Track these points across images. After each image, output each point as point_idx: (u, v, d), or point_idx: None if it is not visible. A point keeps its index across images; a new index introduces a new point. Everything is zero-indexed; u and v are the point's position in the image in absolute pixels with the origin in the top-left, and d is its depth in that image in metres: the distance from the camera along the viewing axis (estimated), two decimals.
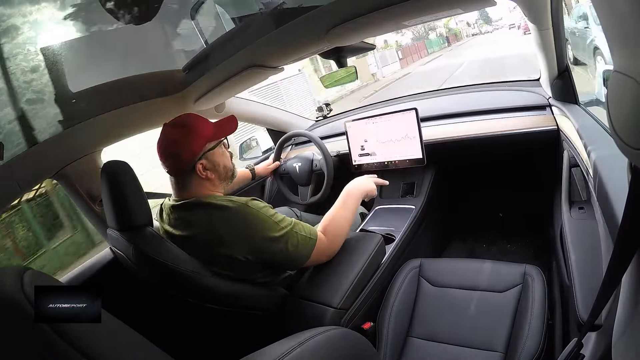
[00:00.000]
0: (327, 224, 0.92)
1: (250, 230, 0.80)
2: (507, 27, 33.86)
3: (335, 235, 0.92)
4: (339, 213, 0.95)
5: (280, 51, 0.92)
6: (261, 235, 0.80)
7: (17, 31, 0.59)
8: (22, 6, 0.56)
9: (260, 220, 0.81)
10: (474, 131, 1.30)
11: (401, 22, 0.77)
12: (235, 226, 0.79)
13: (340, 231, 0.94)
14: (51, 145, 0.93)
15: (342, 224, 0.94)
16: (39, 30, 0.61)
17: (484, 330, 0.89)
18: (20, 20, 0.57)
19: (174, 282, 0.79)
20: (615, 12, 0.29)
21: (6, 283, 0.34)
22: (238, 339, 0.91)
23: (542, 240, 1.46)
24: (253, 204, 0.83)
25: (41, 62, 0.68)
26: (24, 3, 0.56)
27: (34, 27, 0.60)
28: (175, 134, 0.83)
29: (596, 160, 0.63)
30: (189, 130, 0.84)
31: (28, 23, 0.58)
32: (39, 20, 0.59)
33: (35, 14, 0.57)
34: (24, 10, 0.57)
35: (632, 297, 0.40)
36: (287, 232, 0.82)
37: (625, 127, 0.29)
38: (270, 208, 0.86)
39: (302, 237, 0.84)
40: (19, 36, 0.60)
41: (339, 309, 0.83)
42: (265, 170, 1.57)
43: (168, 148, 0.84)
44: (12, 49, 0.62)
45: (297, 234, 0.83)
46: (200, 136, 0.84)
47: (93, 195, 1.11)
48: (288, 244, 0.82)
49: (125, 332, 0.42)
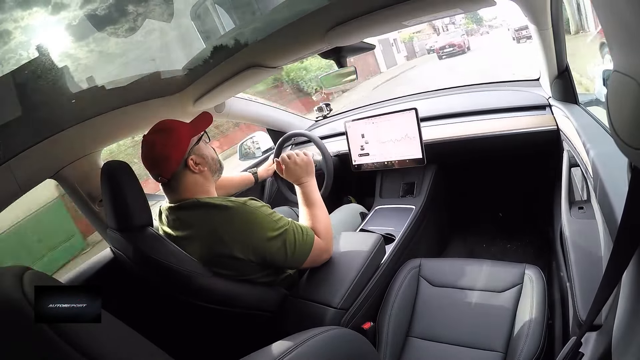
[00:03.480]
0: (315, 225, 0.92)
1: (248, 229, 0.80)
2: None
3: (326, 232, 0.92)
4: (313, 212, 0.95)
5: (280, 51, 0.93)
6: (259, 235, 0.80)
7: (9, 36, 0.59)
8: (13, 11, 0.56)
9: (258, 219, 0.81)
10: (473, 131, 1.30)
11: (401, 22, 0.77)
12: (233, 225, 0.80)
13: (327, 227, 0.93)
14: (51, 145, 0.93)
15: (322, 220, 0.94)
16: (31, 35, 0.61)
17: (483, 330, 0.89)
18: (12, 25, 0.58)
19: (174, 282, 0.79)
20: (615, 12, 0.29)
21: (6, 283, 0.34)
22: (238, 338, 0.91)
23: (542, 240, 1.46)
24: (251, 204, 0.84)
25: (40, 63, 0.68)
26: (14, 8, 0.56)
27: (26, 31, 0.60)
28: (159, 139, 0.85)
29: (596, 160, 0.63)
30: (170, 132, 0.86)
31: (20, 28, 0.58)
32: (31, 25, 0.59)
33: (27, 19, 0.57)
34: (15, 16, 0.57)
35: (632, 296, 0.40)
36: (284, 231, 0.83)
37: (625, 127, 0.29)
38: (268, 207, 0.86)
39: (299, 236, 0.85)
40: (11, 41, 0.60)
41: (339, 309, 0.83)
42: (266, 172, 1.57)
43: (157, 153, 0.85)
44: (5, 53, 0.62)
45: (294, 233, 0.84)
46: (183, 134, 0.87)
47: (93, 196, 1.11)
48: (286, 242, 0.82)
49: (125, 332, 0.42)
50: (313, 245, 0.87)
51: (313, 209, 0.96)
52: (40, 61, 0.67)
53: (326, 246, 0.91)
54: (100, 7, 0.62)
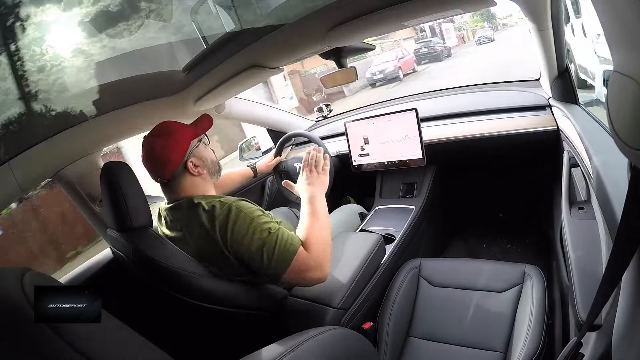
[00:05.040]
0: (306, 236, 0.83)
1: (230, 227, 0.79)
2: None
3: (317, 247, 0.82)
4: (313, 224, 0.86)
5: (281, 51, 0.93)
6: (239, 233, 0.78)
7: (23, 32, 0.59)
8: (26, 7, 0.57)
9: (240, 218, 0.79)
10: (474, 131, 1.30)
11: (401, 22, 0.77)
12: (222, 225, 0.79)
13: (319, 242, 0.83)
14: (51, 145, 0.93)
15: (323, 235, 0.85)
16: (44, 31, 0.62)
17: (483, 330, 0.89)
18: (26, 22, 0.58)
19: (174, 283, 0.79)
20: (615, 12, 0.29)
21: (6, 283, 0.34)
22: (238, 339, 0.91)
23: (542, 240, 1.46)
24: (239, 204, 0.82)
25: (40, 64, 0.68)
26: (27, 5, 0.56)
27: (39, 28, 0.60)
28: (159, 141, 0.85)
29: (596, 160, 0.63)
30: (171, 134, 0.86)
31: (33, 24, 0.58)
32: (44, 21, 0.59)
33: (40, 15, 0.58)
34: (27, 12, 0.57)
35: (632, 296, 0.40)
36: (268, 235, 0.79)
37: (625, 127, 0.29)
38: (258, 210, 0.83)
39: (281, 242, 0.78)
40: (24, 37, 0.60)
41: (339, 309, 0.83)
42: (266, 167, 1.57)
43: (157, 155, 0.85)
44: (17, 49, 0.62)
45: (277, 239, 0.78)
46: (184, 137, 0.87)
47: (93, 196, 1.11)
48: (265, 245, 0.78)
49: (125, 332, 0.42)
50: (295, 256, 0.78)
51: (313, 221, 0.87)
52: (41, 61, 0.67)
53: (314, 263, 0.80)
54: (113, 4, 0.62)
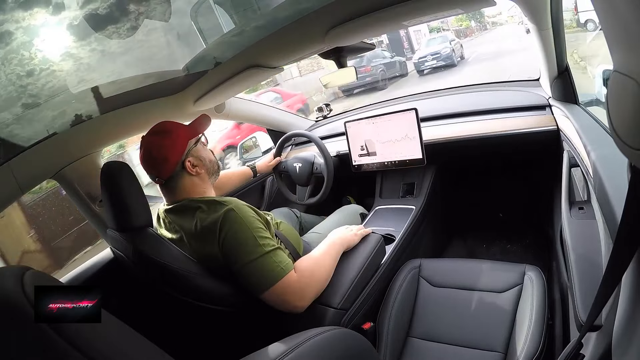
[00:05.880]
0: (304, 265, 0.84)
1: (230, 235, 0.78)
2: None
3: (310, 278, 0.81)
4: (321, 260, 0.87)
5: (280, 51, 0.93)
6: (238, 245, 0.77)
7: (11, 37, 0.59)
8: (14, 12, 0.57)
9: (243, 231, 0.78)
10: (473, 131, 1.30)
11: (401, 22, 0.77)
12: (220, 228, 0.79)
13: (316, 276, 0.83)
14: (51, 145, 0.93)
15: (320, 271, 0.85)
16: (33, 35, 0.62)
17: (483, 330, 0.89)
18: (14, 26, 0.58)
19: (174, 283, 0.79)
20: (615, 12, 0.29)
21: (6, 283, 0.34)
22: (238, 339, 0.91)
23: (542, 240, 1.45)
24: (241, 211, 0.80)
25: (38, 65, 0.68)
26: (16, 9, 0.56)
27: (28, 32, 0.60)
28: (158, 140, 0.86)
29: (596, 160, 0.63)
30: (169, 133, 0.86)
31: (22, 28, 0.58)
32: (32, 25, 0.59)
33: (28, 19, 0.58)
34: (16, 16, 0.57)
35: (632, 297, 0.40)
36: (262, 256, 0.77)
37: (625, 127, 0.29)
38: (257, 220, 0.82)
39: (274, 265, 0.77)
40: (13, 42, 0.60)
41: (339, 309, 0.83)
42: (266, 167, 1.57)
43: (155, 155, 0.85)
44: (7, 54, 0.63)
45: (270, 260, 0.78)
46: (182, 136, 0.88)
47: (93, 196, 1.11)
48: (256, 262, 0.77)
49: (125, 331, 0.42)
50: (283, 278, 0.77)
51: (325, 256, 0.88)
52: (41, 61, 0.67)
53: (299, 290, 0.79)
54: (102, 7, 0.62)
